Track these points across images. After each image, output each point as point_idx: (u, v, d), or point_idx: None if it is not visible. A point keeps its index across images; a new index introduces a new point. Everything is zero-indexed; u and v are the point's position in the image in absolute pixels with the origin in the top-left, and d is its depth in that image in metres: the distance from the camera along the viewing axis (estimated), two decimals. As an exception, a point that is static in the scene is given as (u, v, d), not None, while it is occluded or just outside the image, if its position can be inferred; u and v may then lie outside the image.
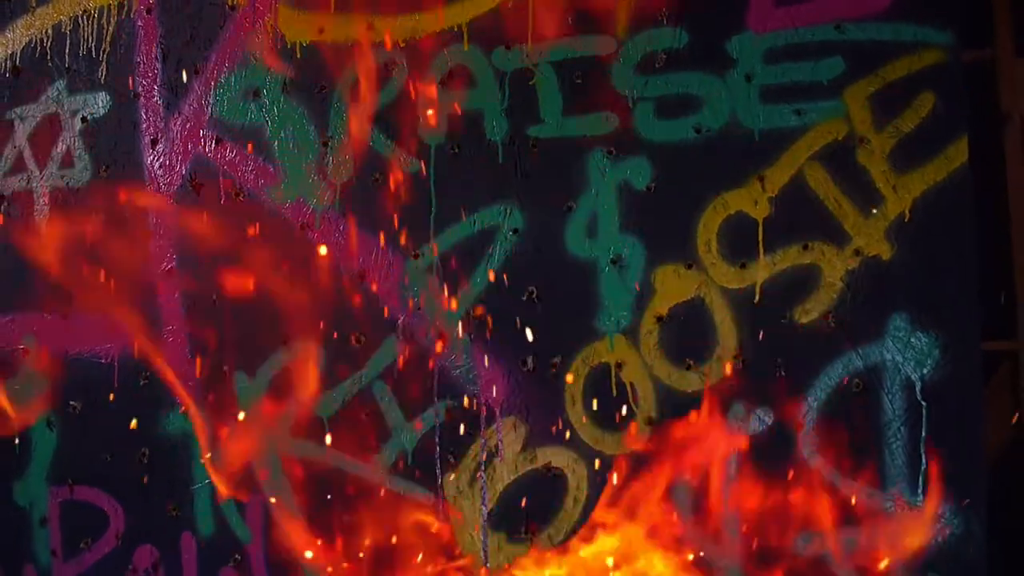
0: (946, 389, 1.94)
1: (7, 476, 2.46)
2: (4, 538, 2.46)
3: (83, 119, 2.41)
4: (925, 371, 1.95)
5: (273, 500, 2.24)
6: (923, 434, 1.96)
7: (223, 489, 2.23)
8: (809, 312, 1.99)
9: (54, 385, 2.43)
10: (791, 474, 1.98)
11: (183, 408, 2.31)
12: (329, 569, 2.19)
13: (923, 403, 1.96)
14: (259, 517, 2.27)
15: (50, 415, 2.42)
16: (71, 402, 2.40)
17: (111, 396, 2.35)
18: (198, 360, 2.31)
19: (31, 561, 2.44)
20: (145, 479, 2.31)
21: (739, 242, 2.02)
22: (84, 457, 2.40)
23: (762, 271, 2.01)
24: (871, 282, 1.96)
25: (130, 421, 2.34)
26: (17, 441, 2.42)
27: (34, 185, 2.45)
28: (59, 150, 2.43)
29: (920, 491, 1.95)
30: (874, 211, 1.96)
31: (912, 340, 1.95)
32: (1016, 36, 2.24)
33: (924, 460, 1.95)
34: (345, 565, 2.20)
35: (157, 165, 2.35)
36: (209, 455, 2.26)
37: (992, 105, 2.20)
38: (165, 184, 2.34)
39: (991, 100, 2.20)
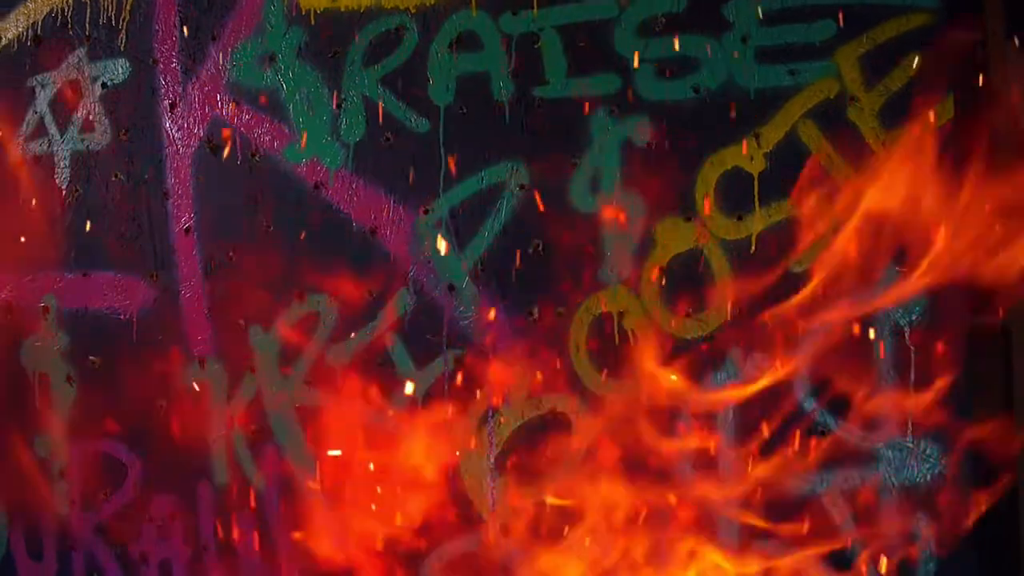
0: (933, 335, 2.05)
1: (26, 429, 2.54)
2: (23, 491, 2.55)
3: (103, 85, 2.49)
4: (913, 318, 2.05)
5: (287, 448, 2.34)
6: (911, 378, 2.06)
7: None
8: (803, 263, 2.08)
9: (74, 341, 2.52)
10: (787, 416, 2.09)
11: (200, 361, 2.41)
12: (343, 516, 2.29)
13: (911, 348, 2.06)
14: (273, 465, 2.36)
15: (70, 370, 2.51)
16: (90, 357, 2.49)
17: (129, 351, 2.45)
18: (215, 315, 2.40)
19: (50, 512, 2.53)
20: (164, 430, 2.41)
21: (736, 196, 2.11)
22: (103, 410, 2.48)
23: (758, 223, 2.10)
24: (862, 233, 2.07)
25: (148, 375, 2.43)
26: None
27: (55, 149, 2.53)
28: (79, 115, 2.52)
29: (908, 431, 2.06)
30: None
31: (901, 287, 2.05)
32: (1006, 17, 2.34)
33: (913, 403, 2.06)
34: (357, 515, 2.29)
35: (175, 128, 2.43)
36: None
37: (981, 85, 2.31)
38: (183, 146, 2.43)
39: (980, 80, 2.32)
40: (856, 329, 2.04)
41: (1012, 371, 2.13)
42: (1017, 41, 2.20)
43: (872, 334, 2.04)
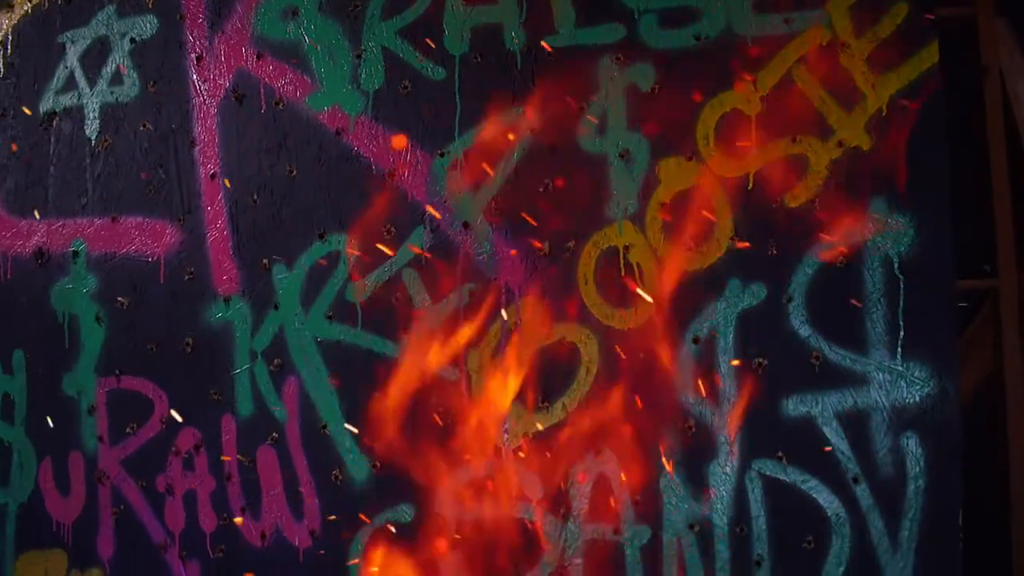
0: (920, 264, 2.17)
1: (56, 368, 2.65)
2: (53, 426, 2.65)
3: (131, 40, 2.61)
4: (901, 248, 2.18)
5: (309, 380, 2.45)
6: (900, 305, 2.19)
7: None
8: (797, 197, 2.22)
9: (103, 283, 2.63)
10: (782, 341, 2.21)
11: (225, 299, 2.52)
12: (362, 444, 2.40)
13: (900, 276, 2.19)
14: (296, 397, 2.47)
15: (99, 311, 2.62)
16: (119, 298, 2.60)
17: (157, 291, 2.56)
18: (239, 255, 2.51)
19: (78, 447, 2.62)
20: (190, 367, 2.52)
21: (734, 136, 2.25)
22: (131, 348, 2.58)
23: (755, 161, 2.24)
24: (853, 170, 2.20)
25: (175, 314, 2.54)
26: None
27: (84, 101, 2.65)
28: (109, 69, 2.64)
29: (898, 356, 2.18)
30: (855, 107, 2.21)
31: (889, 221, 2.18)
32: None
33: (902, 328, 2.19)
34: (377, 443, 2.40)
35: (201, 80, 2.56)
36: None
37: (972, 59, 2.45)
38: (209, 96, 2.55)
39: (971, 54, 2.45)
40: (847, 259, 2.19)
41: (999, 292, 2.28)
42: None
43: (864, 263, 2.18)
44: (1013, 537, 2.46)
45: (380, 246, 2.40)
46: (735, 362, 2.21)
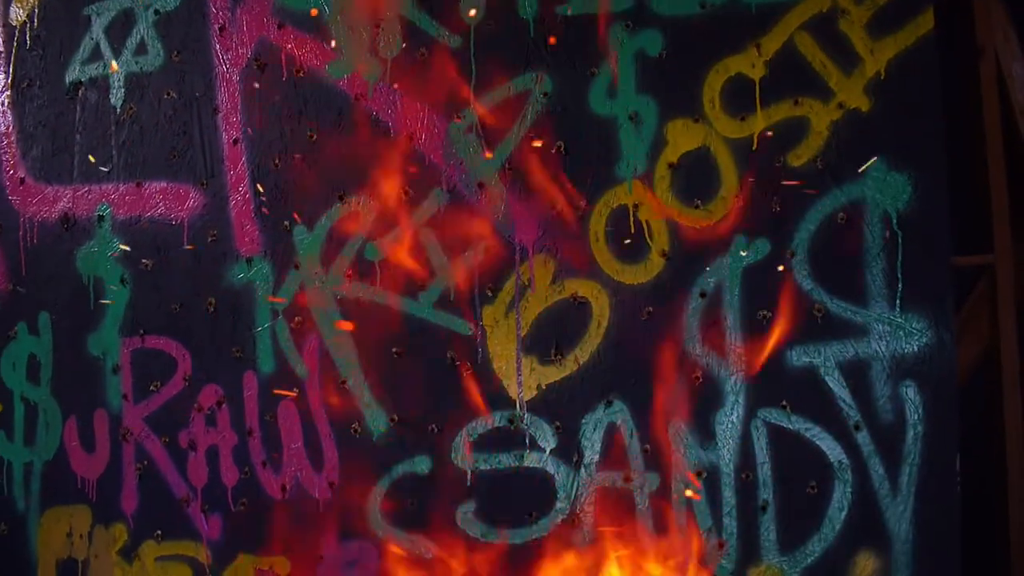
0: (917, 220, 2.27)
1: (81, 329, 2.73)
2: (78, 386, 2.73)
3: (155, 12, 2.70)
4: (899, 205, 2.28)
5: (328, 337, 2.53)
6: (899, 259, 2.28)
7: None
8: (800, 156, 2.32)
9: (128, 245, 2.70)
10: (785, 295, 2.31)
11: (247, 260, 2.60)
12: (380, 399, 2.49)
13: (898, 232, 2.28)
14: (316, 353, 2.55)
15: (124, 273, 2.70)
16: (143, 260, 2.68)
17: (180, 253, 2.64)
18: (261, 217, 2.60)
19: (103, 406, 2.70)
20: (212, 326, 2.60)
21: (739, 99, 2.34)
22: (155, 309, 2.67)
23: (759, 123, 2.33)
24: (852, 131, 2.29)
25: (198, 274, 2.63)
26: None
27: (109, 71, 2.74)
28: (133, 40, 2.72)
29: (897, 307, 2.27)
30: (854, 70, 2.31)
31: (888, 179, 2.28)
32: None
33: (900, 281, 2.28)
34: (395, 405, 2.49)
35: (224, 49, 2.65)
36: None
37: (968, 39, 2.55)
38: (231, 65, 2.64)
39: (967, 35, 2.55)
40: (847, 215, 2.28)
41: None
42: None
43: (863, 219, 2.28)
44: (1010, 511, 2.56)
45: (398, 206, 2.51)
46: (740, 313, 2.31)
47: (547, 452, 2.42)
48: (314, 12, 2.56)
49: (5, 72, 2.85)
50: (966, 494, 2.26)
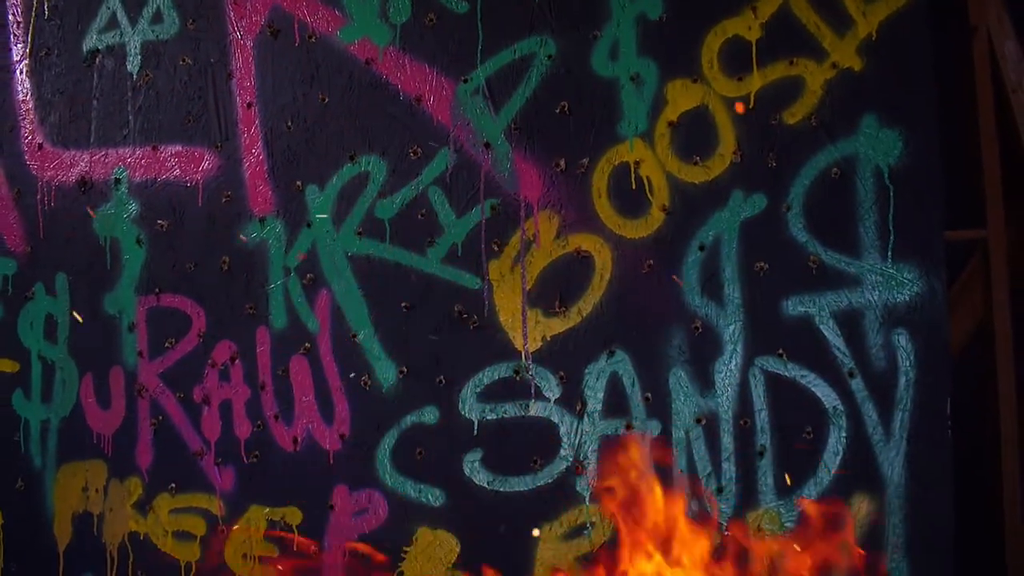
0: (908, 174, 2.35)
1: (98, 289, 2.81)
2: (94, 344, 2.81)
3: (172, -19, 2.81)
4: (891, 161, 2.36)
5: (339, 293, 2.61)
6: (890, 212, 2.37)
7: None
8: (795, 114, 2.40)
9: (143, 207, 2.79)
10: (781, 247, 2.39)
11: (261, 219, 2.68)
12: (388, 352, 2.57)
13: (890, 186, 2.36)
14: (327, 309, 2.63)
15: (140, 234, 2.78)
16: (159, 221, 2.76)
17: (195, 213, 2.73)
18: (274, 178, 2.68)
19: (119, 363, 2.78)
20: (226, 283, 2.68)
21: (736, 60, 2.43)
22: (170, 268, 2.75)
23: (756, 82, 2.42)
24: (845, 89, 2.37)
25: (213, 235, 2.71)
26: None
27: (126, 39, 2.82)
28: (149, 9, 2.81)
29: (889, 258, 2.36)
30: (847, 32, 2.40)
31: (880, 135, 2.36)
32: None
33: (892, 233, 2.36)
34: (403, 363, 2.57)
35: (238, 16, 2.73)
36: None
37: (961, 18, 2.64)
38: (245, 32, 2.72)
39: (961, 14, 2.64)
40: (840, 170, 2.37)
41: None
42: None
43: (856, 174, 2.36)
44: (1004, 483, 2.62)
45: (407, 166, 2.59)
46: (737, 264, 2.39)
47: (551, 401, 2.50)
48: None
49: (24, 41, 2.94)
50: (959, 468, 2.33)
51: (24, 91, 2.92)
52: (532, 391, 2.51)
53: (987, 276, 2.65)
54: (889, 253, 2.35)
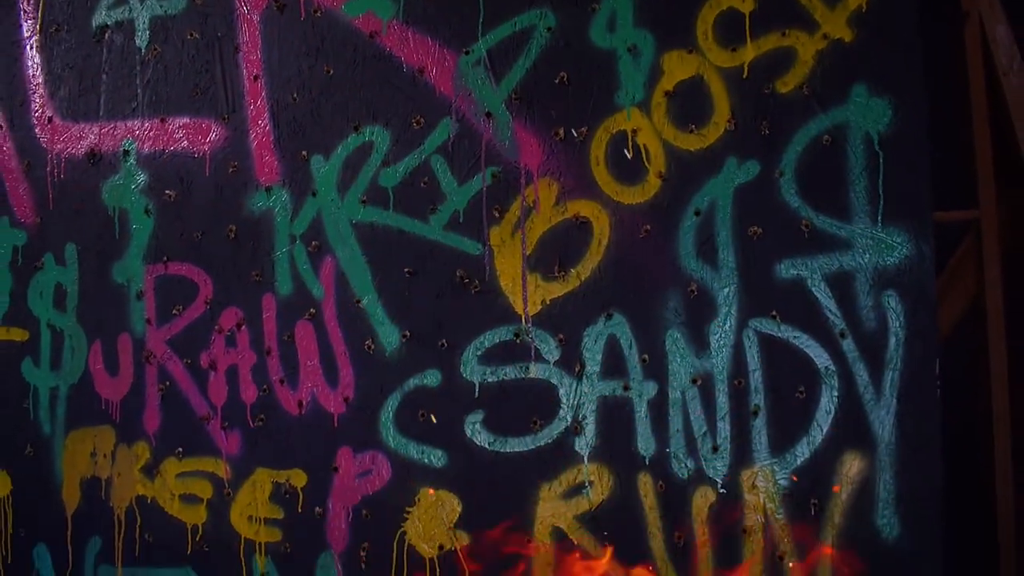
0: (897, 141, 2.41)
1: (107, 259, 2.87)
2: (103, 312, 2.87)
3: (179, -42, 2.88)
4: (880, 128, 2.43)
5: (344, 259, 2.68)
6: (880, 178, 2.43)
7: None
8: (787, 84, 2.47)
9: (152, 178, 2.85)
10: (774, 211, 2.45)
11: (267, 189, 2.75)
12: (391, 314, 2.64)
13: (880, 153, 2.43)
14: (332, 275, 2.70)
15: (148, 204, 2.84)
16: (167, 191, 2.82)
17: (203, 183, 2.79)
18: (280, 148, 2.74)
19: (127, 330, 2.85)
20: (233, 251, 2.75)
21: (730, 31, 2.50)
22: (178, 237, 2.82)
23: (749, 53, 2.49)
24: (836, 59, 2.44)
25: (220, 204, 2.77)
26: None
27: (135, 15, 2.89)
28: (158, -15, 2.90)
29: (879, 223, 2.42)
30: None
31: (869, 104, 2.42)
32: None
33: (882, 198, 2.43)
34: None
35: (245, -8, 2.81)
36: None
37: (954, 4, 2.71)
38: (251, 7, 2.79)
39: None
40: (832, 137, 2.44)
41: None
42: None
43: (847, 141, 2.43)
44: (996, 462, 2.69)
45: (410, 136, 2.65)
46: (732, 229, 2.46)
47: (551, 363, 2.56)
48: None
49: (34, 18, 3.01)
50: (950, 447, 2.39)
51: (34, 66, 2.98)
52: (532, 354, 2.57)
53: (979, 256, 2.72)
54: (879, 217, 2.42)
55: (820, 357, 2.43)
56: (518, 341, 2.58)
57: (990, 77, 2.73)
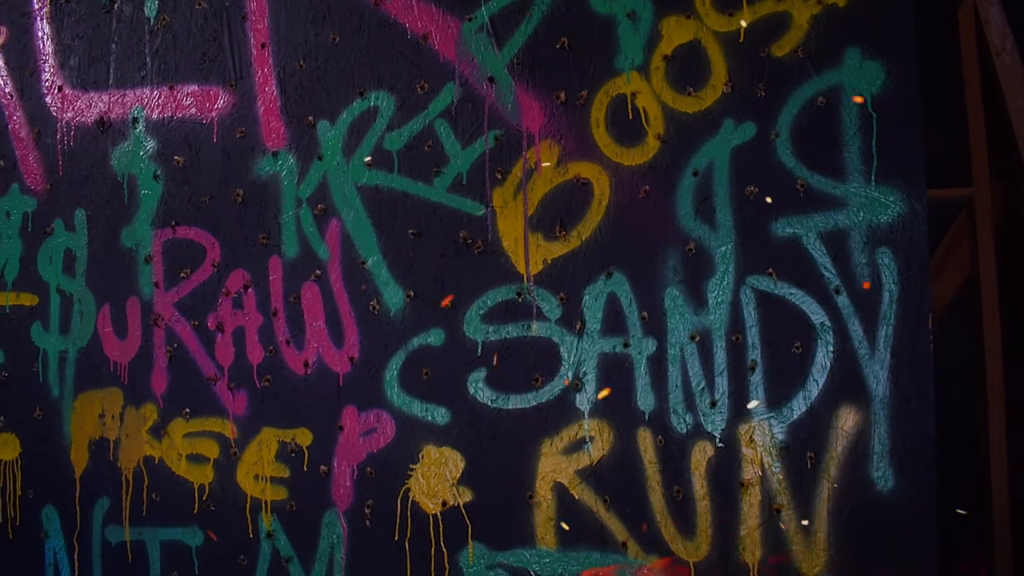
0: (890, 102, 2.48)
1: (116, 224, 2.92)
2: (111, 277, 2.93)
3: (188, -68, 2.93)
4: (874, 89, 2.49)
5: (349, 222, 2.73)
6: (873, 138, 2.49)
7: None
8: (783, 48, 2.53)
9: (160, 144, 2.91)
10: (770, 171, 2.51)
11: (274, 154, 2.80)
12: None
13: (873, 113, 2.49)
14: (337, 237, 2.75)
15: (156, 169, 2.90)
16: (175, 157, 2.88)
17: (210, 149, 2.84)
18: (287, 114, 2.80)
19: (135, 294, 2.90)
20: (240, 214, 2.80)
21: (727, -3, 2.59)
22: (186, 201, 2.87)
23: (746, 17, 2.55)
24: (830, 23, 2.50)
25: (227, 169, 2.83)
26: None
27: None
28: (167, -43, 2.95)
29: (872, 181, 2.48)
30: (831, -30, 2.53)
31: (863, 66, 2.49)
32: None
33: (875, 158, 2.49)
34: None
35: (252, -38, 2.87)
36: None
37: None
38: (259, -23, 2.86)
39: None
40: (826, 99, 2.50)
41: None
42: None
43: (841, 103, 2.49)
44: (991, 439, 2.74)
45: (414, 100, 2.71)
46: (730, 187, 2.52)
47: (552, 322, 2.62)
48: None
49: (45, -11, 3.07)
50: (943, 421, 2.43)
51: (45, 36, 3.04)
52: (534, 312, 2.63)
53: (973, 233, 2.78)
54: (872, 177, 2.48)
55: (816, 313, 2.48)
56: (520, 300, 2.64)
57: (983, 58, 2.79)
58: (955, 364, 2.60)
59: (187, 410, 2.85)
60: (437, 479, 2.67)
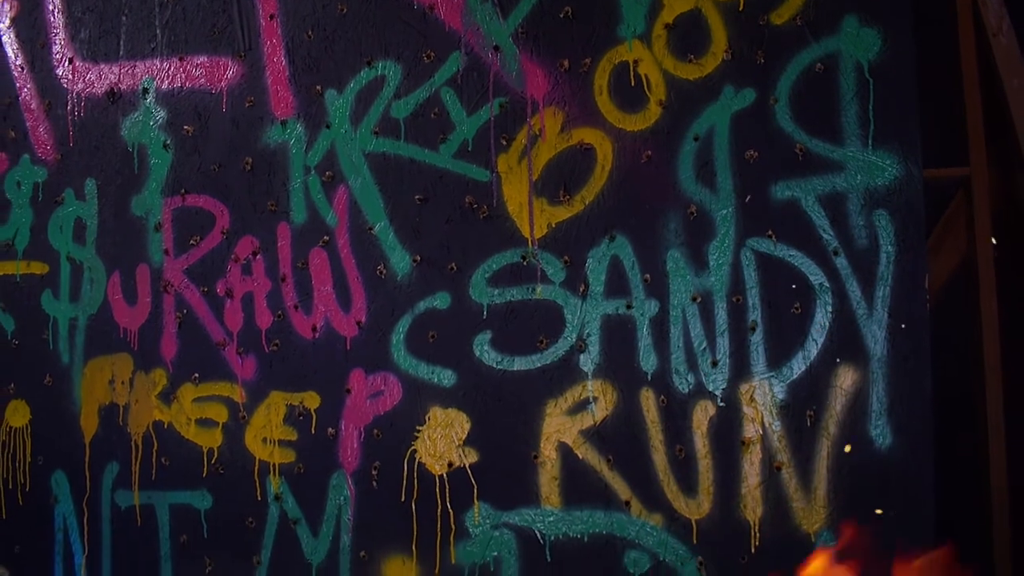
0: (887, 69, 2.52)
1: (126, 193, 2.96)
2: (122, 244, 2.98)
3: (197, -93, 2.98)
4: (870, 57, 2.54)
5: (356, 188, 2.78)
6: (870, 103, 2.54)
7: None
8: (782, 15, 2.57)
9: (170, 114, 2.96)
10: (770, 136, 2.56)
11: (282, 122, 2.85)
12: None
13: (870, 80, 2.54)
14: (345, 203, 2.80)
15: (166, 139, 2.94)
16: (184, 126, 2.93)
17: (219, 119, 2.89)
18: (295, 83, 2.85)
19: (145, 261, 2.95)
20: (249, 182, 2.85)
21: (728, -34, 2.64)
22: (195, 170, 2.92)
23: (746, -14, 2.63)
24: (828, -8, 2.59)
25: (236, 138, 2.88)
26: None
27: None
28: (176, -68, 3.01)
29: (869, 145, 2.54)
30: (829, -60, 2.58)
31: (860, 34, 2.54)
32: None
33: (872, 123, 2.54)
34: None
35: (260, -64, 2.93)
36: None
37: None
38: (266, -49, 2.92)
39: None
40: (824, 66, 2.55)
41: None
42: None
43: (838, 69, 2.54)
44: (989, 420, 2.76)
45: (421, 69, 2.76)
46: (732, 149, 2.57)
47: (556, 284, 2.66)
48: None
49: (55, -36, 3.12)
50: (940, 402, 2.48)
51: (55, 9, 3.09)
52: (538, 275, 2.68)
53: (970, 213, 2.83)
54: (869, 140, 2.52)
55: (815, 274, 2.53)
56: (525, 263, 2.69)
57: (980, 38, 2.85)
58: (952, 344, 2.66)
59: (196, 375, 2.89)
60: (443, 440, 2.72)
